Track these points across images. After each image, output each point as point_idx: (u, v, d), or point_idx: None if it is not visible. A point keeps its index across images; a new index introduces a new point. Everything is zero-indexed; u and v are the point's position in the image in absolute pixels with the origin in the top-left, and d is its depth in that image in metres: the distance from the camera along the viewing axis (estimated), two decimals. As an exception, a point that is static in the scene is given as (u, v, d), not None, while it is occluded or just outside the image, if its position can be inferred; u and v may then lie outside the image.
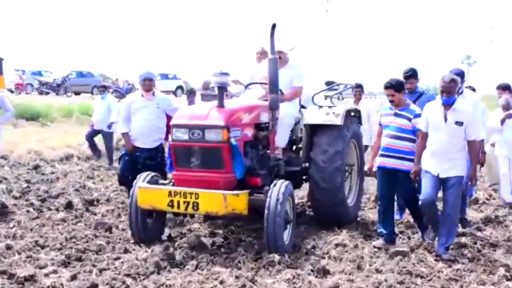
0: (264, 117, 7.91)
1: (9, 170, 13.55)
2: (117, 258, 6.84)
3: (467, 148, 7.12)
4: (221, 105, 7.23)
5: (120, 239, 7.73)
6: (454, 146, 7.06)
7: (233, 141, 7.00)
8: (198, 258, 6.87)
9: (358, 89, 11.66)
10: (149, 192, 7.09)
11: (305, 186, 9.11)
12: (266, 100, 7.85)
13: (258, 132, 7.86)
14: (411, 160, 7.41)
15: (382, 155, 7.64)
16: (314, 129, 8.63)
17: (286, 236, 7.03)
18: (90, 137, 15.30)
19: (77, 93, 40.88)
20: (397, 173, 7.54)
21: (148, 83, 9.12)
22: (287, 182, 7.09)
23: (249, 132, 7.65)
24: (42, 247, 7.29)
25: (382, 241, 7.59)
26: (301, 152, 8.91)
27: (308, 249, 7.31)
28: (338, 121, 8.44)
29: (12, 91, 39.47)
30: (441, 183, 7.16)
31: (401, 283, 6.09)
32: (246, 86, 9.19)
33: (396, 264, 6.69)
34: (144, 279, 6.15)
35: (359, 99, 11.62)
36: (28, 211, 9.27)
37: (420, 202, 7.25)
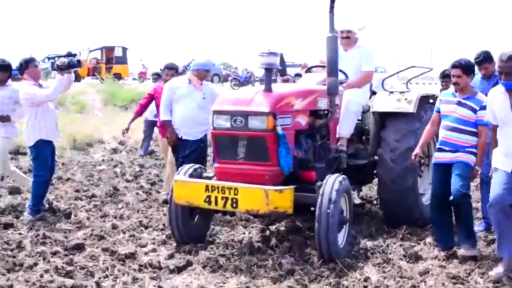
0: (323, 104, 7.01)
1: (125, 155, 14.25)
2: (214, 239, 7.05)
3: None
4: (268, 89, 6.37)
5: (220, 221, 7.86)
6: None
7: (279, 130, 6.12)
8: (292, 241, 6.91)
9: (446, 79, 9.84)
10: (185, 186, 6.37)
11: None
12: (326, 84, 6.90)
13: (314, 120, 6.92)
14: (472, 154, 6.40)
15: (439, 150, 6.62)
16: (383, 118, 7.75)
17: (341, 238, 6.27)
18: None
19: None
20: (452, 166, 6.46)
21: (204, 74, 8.59)
22: (342, 176, 6.24)
23: (303, 120, 6.74)
24: (146, 227, 7.65)
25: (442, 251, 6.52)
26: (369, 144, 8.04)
27: (404, 234, 7.21)
28: (410, 108, 7.49)
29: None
30: None
31: (495, 270, 5.90)
32: (307, 70, 8.37)
33: (493, 251, 6.44)
34: (237, 259, 6.32)
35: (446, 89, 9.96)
36: (137, 193, 9.74)
37: (489, 204, 5.94)
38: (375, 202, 9.42)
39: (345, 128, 7.60)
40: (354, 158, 7.77)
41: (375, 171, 7.90)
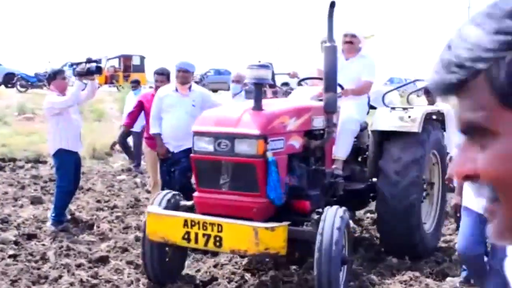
0: (318, 122, 6.10)
1: (144, 164, 14.19)
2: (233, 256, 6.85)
3: None
4: (258, 107, 5.42)
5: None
6: None
7: (270, 155, 5.19)
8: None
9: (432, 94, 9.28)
10: (160, 220, 5.45)
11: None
12: (322, 100, 6.07)
13: (309, 142, 5.98)
14: None
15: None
16: (384, 137, 6.99)
17: (341, 278, 5.28)
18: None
19: (214, 90, 42.11)
20: None
21: (181, 75, 7.70)
22: (342, 209, 5.26)
23: (297, 142, 5.81)
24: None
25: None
26: (367, 165, 7.27)
27: (430, 251, 7.10)
28: (415, 127, 6.68)
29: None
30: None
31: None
32: (299, 82, 7.62)
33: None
34: (262, 275, 6.25)
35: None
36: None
37: (457, 252, 5.36)
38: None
39: (342, 149, 6.74)
40: (349, 181, 6.87)
41: (372, 194, 7.27)
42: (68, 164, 8.14)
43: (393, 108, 7.07)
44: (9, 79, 33.11)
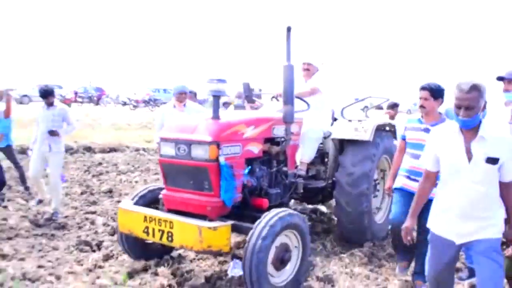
0: (280, 131, 6.90)
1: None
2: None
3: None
4: (215, 117, 6.18)
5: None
6: (486, 198, 4.29)
7: (222, 160, 5.86)
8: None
9: (395, 109, 11.57)
10: (127, 214, 6.22)
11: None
12: None
13: (271, 147, 6.84)
14: None
15: (408, 177, 6.19)
16: (342, 144, 8.10)
17: (284, 277, 5.95)
18: None
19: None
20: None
21: (180, 97, 9.13)
22: (286, 212, 5.83)
23: (256, 148, 6.54)
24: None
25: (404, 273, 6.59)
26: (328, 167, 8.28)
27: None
28: (367, 136, 7.77)
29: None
30: (459, 250, 4.52)
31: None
32: (272, 98, 8.57)
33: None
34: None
35: (392, 119, 10.91)
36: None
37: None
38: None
39: (306, 154, 7.84)
40: (314, 180, 8.13)
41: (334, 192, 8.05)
42: None
43: (350, 120, 8.26)
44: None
